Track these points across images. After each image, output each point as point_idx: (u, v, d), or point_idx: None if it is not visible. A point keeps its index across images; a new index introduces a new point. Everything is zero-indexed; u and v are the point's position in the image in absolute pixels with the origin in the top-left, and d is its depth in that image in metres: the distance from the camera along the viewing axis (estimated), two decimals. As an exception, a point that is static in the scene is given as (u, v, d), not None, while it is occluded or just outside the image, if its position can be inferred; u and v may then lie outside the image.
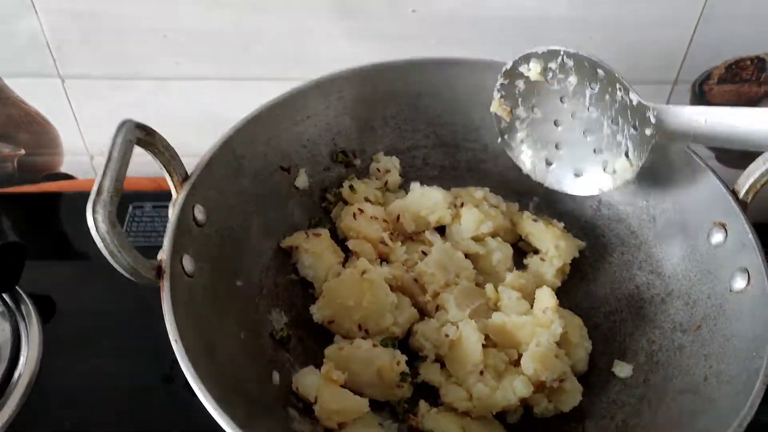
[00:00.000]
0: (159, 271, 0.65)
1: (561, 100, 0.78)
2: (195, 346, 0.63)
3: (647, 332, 0.78)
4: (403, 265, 0.84)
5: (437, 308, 0.81)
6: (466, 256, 0.86)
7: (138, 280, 0.64)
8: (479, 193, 0.90)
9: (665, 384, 0.72)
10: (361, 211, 0.86)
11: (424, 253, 0.85)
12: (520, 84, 0.79)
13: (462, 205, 0.89)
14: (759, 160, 0.73)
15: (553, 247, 0.86)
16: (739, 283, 0.70)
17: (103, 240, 0.60)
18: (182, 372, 0.60)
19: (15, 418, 0.80)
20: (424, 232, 0.88)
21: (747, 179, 0.73)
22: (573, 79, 0.75)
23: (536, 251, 0.89)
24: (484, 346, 0.75)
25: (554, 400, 0.74)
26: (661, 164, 0.81)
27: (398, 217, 0.88)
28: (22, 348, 0.87)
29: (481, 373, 0.73)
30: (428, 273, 0.82)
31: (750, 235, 0.71)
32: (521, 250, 0.91)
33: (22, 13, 0.94)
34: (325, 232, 0.86)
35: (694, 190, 0.78)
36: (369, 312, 0.78)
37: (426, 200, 0.88)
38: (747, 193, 0.73)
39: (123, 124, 0.66)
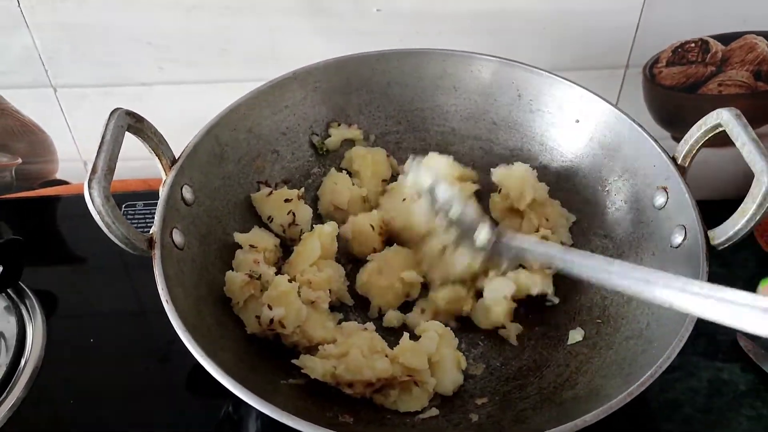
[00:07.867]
0: (151, 242, 0.72)
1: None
2: (184, 307, 0.69)
3: (600, 290, 0.85)
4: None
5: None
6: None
7: (132, 250, 0.71)
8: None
9: (614, 333, 0.78)
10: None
11: None
12: None
13: None
14: (693, 128, 0.80)
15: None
16: (678, 238, 0.77)
17: (99, 213, 0.67)
18: (177, 354, 0.64)
19: (21, 403, 0.85)
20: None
21: (684, 146, 0.80)
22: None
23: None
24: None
25: None
26: (612, 139, 0.89)
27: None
28: (27, 339, 0.91)
29: None
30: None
31: (686, 195, 0.77)
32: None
33: (14, 28, 0.98)
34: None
35: (640, 159, 0.85)
36: None
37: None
38: (684, 158, 0.80)
39: (114, 111, 0.74)
